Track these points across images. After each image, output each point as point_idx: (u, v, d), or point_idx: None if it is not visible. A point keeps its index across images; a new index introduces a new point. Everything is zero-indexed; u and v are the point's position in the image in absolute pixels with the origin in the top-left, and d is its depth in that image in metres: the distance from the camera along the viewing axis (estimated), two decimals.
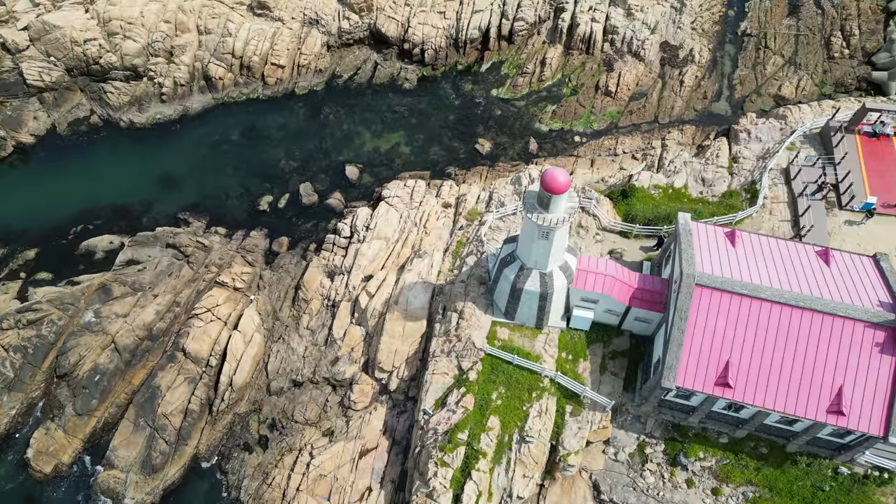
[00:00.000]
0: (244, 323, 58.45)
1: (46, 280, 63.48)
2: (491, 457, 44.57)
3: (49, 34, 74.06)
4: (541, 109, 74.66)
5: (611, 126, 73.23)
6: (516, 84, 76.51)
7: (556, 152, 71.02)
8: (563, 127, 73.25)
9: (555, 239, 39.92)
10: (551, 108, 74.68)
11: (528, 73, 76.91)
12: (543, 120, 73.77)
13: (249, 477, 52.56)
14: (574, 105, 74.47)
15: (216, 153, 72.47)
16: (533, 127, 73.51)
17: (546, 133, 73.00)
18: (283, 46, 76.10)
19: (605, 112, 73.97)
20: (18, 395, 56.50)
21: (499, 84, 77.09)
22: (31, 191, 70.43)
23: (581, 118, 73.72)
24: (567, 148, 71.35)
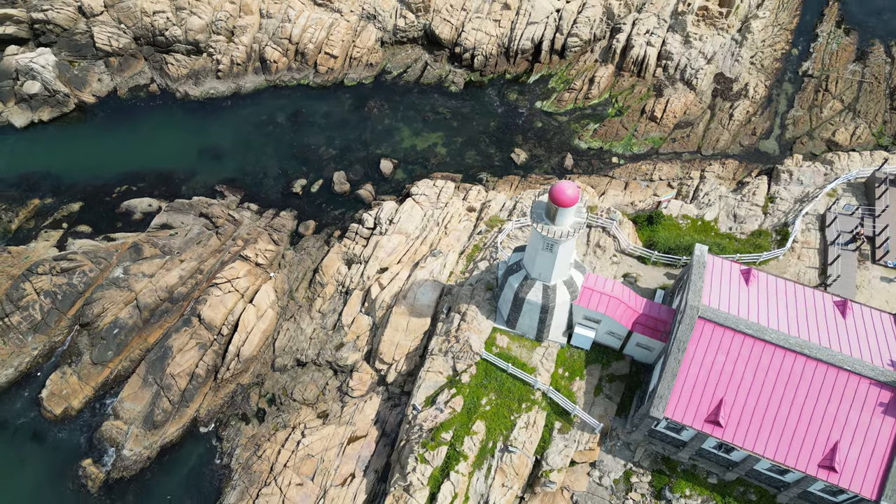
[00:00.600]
0: (260, 298, 60.12)
1: (85, 233, 66.78)
2: (472, 461, 44.59)
3: (123, 2, 78.04)
4: (582, 127, 74.25)
5: (651, 151, 72.22)
6: (561, 99, 76.32)
7: (591, 170, 70.52)
8: (602, 146, 72.65)
9: (559, 252, 39.78)
10: (593, 126, 74.17)
11: (575, 90, 76.61)
12: (583, 137, 73.34)
13: (242, 447, 53.99)
14: (617, 126, 73.77)
15: (261, 133, 74.80)
16: (572, 143, 73.18)
17: (584, 150, 72.54)
18: (338, 37, 78.02)
19: (648, 137, 73.00)
20: (42, 338, 59.61)
21: (544, 97, 77.05)
22: (85, 148, 74.27)
23: (622, 140, 72.97)
24: (603, 168, 70.73)
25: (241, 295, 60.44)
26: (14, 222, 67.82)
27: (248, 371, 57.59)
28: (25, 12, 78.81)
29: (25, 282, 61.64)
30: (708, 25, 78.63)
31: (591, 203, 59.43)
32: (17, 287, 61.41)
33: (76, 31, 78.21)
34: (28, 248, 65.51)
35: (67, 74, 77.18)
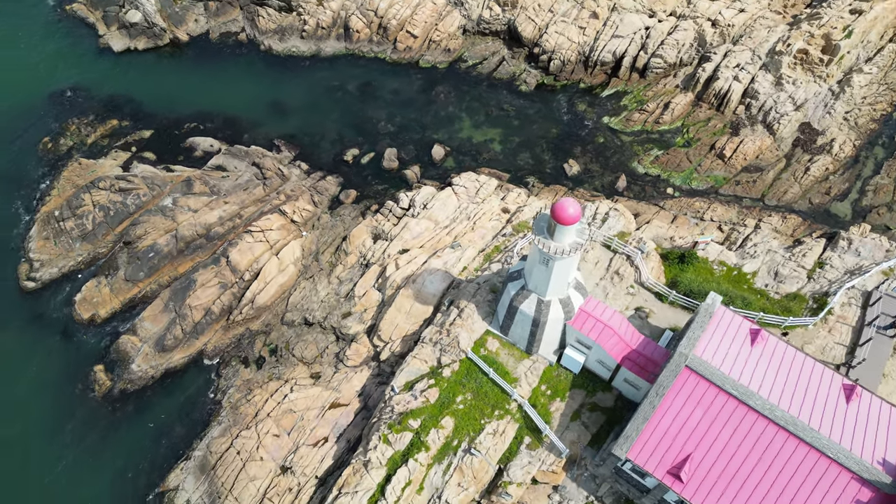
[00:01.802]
0: (286, 252, 62.38)
1: (149, 160, 71.24)
2: (433, 454, 44.90)
3: None
4: (645, 150, 71.95)
5: (710, 189, 69.13)
6: (631, 118, 74.13)
7: (642, 196, 68.35)
8: (660, 175, 70.18)
9: (555, 269, 39.12)
10: (656, 152, 71.72)
11: (647, 112, 74.18)
12: (643, 161, 71.08)
13: (236, 388, 56.57)
14: (681, 156, 71.00)
15: (329, 97, 76.99)
16: (629, 164, 71.09)
17: (640, 175, 70.34)
18: (422, 18, 78.86)
19: (711, 174, 69.86)
20: (88, 247, 64.36)
21: (613, 113, 75.09)
22: (169, 81, 78.96)
23: (683, 172, 70.20)
24: (655, 196, 68.39)
25: (270, 246, 62.88)
26: (91, 137, 73.23)
27: (258, 318, 60.05)
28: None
29: (86, 193, 66.61)
30: (805, 70, 73.96)
31: (626, 229, 57.75)
32: (77, 196, 66.48)
33: None
34: (97, 162, 70.63)
35: (168, 10, 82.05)
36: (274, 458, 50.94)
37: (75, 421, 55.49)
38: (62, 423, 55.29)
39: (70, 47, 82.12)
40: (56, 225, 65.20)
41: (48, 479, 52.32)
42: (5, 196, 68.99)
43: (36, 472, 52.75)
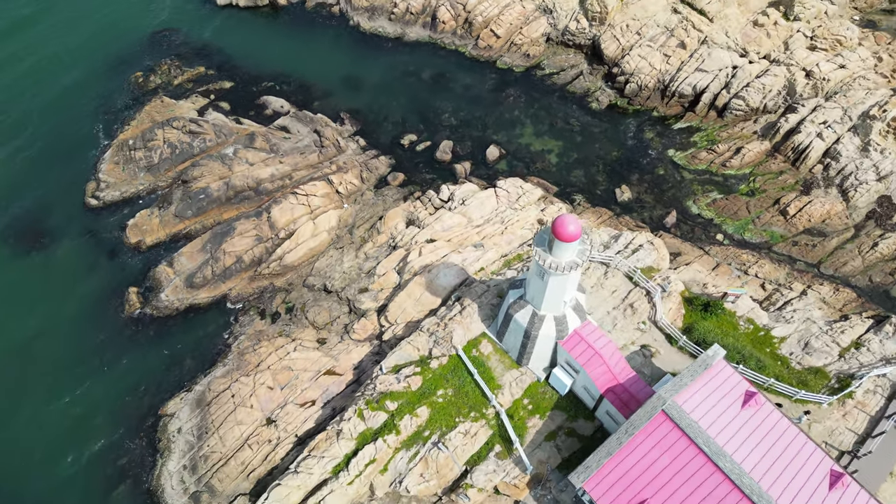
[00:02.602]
0: (323, 219, 64.52)
1: (223, 109, 75.30)
2: (403, 439, 45.54)
3: None
4: (703, 191, 69.34)
5: (763, 244, 65.86)
6: (697, 156, 71.56)
7: (689, 237, 65.98)
8: (713, 218, 67.48)
9: (550, 283, 38.78)
10: (715, 195, 68.97)
11: (716, 153, 71.38)
12: (699, 202, 68.54)
13: (247, 336, 59.22)
14: (740, 205, 67.96)
15: (402, 81, 78.65)
16: (684, 203, 68.74)
17: (692, 215, 67.90)
18: (508, 19, 79.06)
19: (768, 229, 66.50)
20: (150, 178, 68.91)
21: (680, 148, 72.71)
22: (259, 39, 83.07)
23: (738, 221, 67.19)
24: (703, 240, 65.85)
25: (311, 211, 65.19)
26: (178, 79, 78.17)
27: (283, 276, 62.50)
28: None
29: (160, 129, 71.25)
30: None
31: (655, 265, 56.07)
32: (152, 130, 71.23)
33: None
34: (177, 103, 75.34)
35: None
36: (262, 409, 53.11)
37: (102, 332, 59.81)
38: (90, 332, 59.73)
39: None
40: (127, 153, 70.16)
41: (66, 379, 56.74)
42: (91, 118, 74.83)
43: (57, 369, 57.31)
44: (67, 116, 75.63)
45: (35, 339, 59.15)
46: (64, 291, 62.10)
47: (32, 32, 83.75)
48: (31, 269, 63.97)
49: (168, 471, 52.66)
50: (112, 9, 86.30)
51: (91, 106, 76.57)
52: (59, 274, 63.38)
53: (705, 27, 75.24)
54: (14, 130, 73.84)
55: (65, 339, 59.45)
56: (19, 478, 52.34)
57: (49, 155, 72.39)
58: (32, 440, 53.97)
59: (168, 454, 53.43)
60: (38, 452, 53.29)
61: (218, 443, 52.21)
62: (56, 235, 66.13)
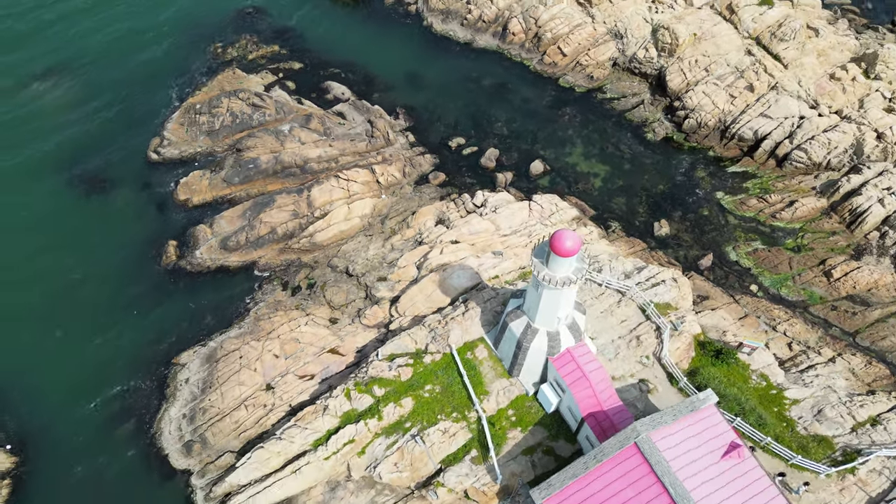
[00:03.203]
0: (358, 206, 66.37)
1: (287, 88, 78.64)
2: (384, 426, 46.39)
3: None
4: (746, 239, 67.08)
5: (799, 303, 63.07)
6: (746, 203, 69.31)
7: (721, 283, 63.98)
8: (751, 268, 65.19)
9: (543, 296, 38.78)
10: (758, 245, 66.61)
11: (768, 203, 68.92)
12: (739, 250, 66.36)
13: (266, 304, 61.49)
14: (783, 259, 65.36)
15: (462, 85, 79.87)
16: (723, 248, 66.72)
17: (730, 261, 65.82)
18: (577, 39, 79.03)
19: (808, 289, 63.64)
20: (208, 142, 72.72)
21: (731, 191, 70.62)
22: (335, 27, 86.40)
23: (777, 275, 64.65)
24: (735, 288, 63.68)
25: (349, 195, 67.16)
26: (252, 54, 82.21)
27: (310, 253, 64.58)
28: None
29: (227, 98, 75.12)
30: None
31: (674, 303, 54.70)
32: (219, 98, 75.17)
33: None
34: (247, 76, 79.21)
35: None
36: (265, 375, 55.09)
37: (137, 278, 63.45)
38: (128, 276, 63.46)
39: None
40: (193, 116, 74.27)
41: (100, 319, 60.36)
42: (168, 80, 79.65)
43: (94, 308, 61.05)
44: (149, 74, 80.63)
45: (79, 277, 63.23)
46: (112, 235, 66.23)
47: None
48: (89, 211, 68.57)
49: (169, 416, 55.34)
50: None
51: (171, 68, 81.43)
52: (110, 218, 67.71)
53: (778, 73, 72.90)
54: (101, 83, 79.23)
55: (104, 280, 63.34)
56: (42, 406, 55.90)
57: (126, 108, 77.39)
58: (59, 372, 57.53)
59: (172, 401, 56.15)
60: (62, 384, 56.68)
61: (218, 399, 54.49)
62: (116, 182, 70.67)
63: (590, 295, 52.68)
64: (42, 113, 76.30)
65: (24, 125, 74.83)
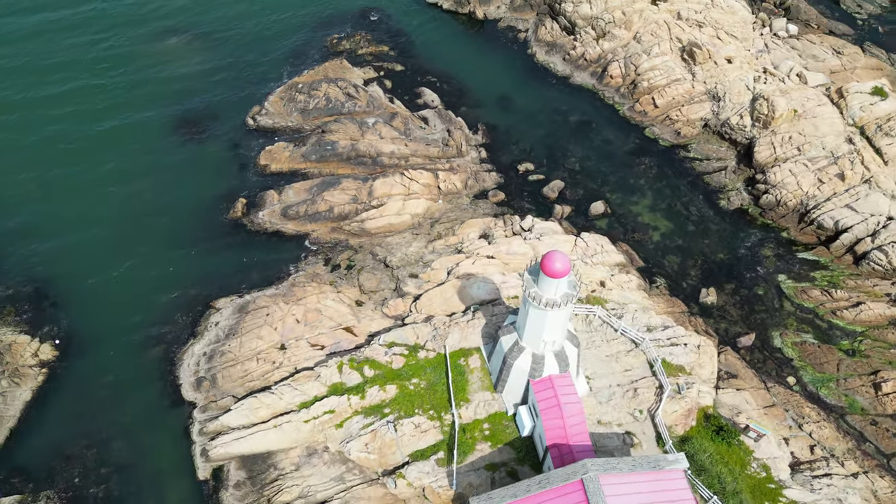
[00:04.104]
0: (412, 204, 69.16)
1: (384, 85, 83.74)
2: (365, 406, 48.21)
3: None
4: (797, 329, 63.22)
5: (836, 408, 58.46)
6: (809, 293, 65.32)
7: (757, 366, 60.62)
8: (794, 360, 61.31)
9: (530, 314, 39.21)
10: (808, 338, 62.58)
11: (832, 298, 64.62)
12: (786, 337, 62.63)
13: (305, 273, 65.19)
14: (833, 359, 60.97)
15: (548, 116, 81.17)
16: (769, 332, 63.23)
17: (772, 347, 62.24)
18: (672, 93, 78.22)
19: (850, 395, 58.97)
20: (299, 118, 78.51)
21: (794, 277, 66.87)
22: (445, 41, 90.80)
23: (821, 374, 60.36)
24: (770, 375, 60.10)
25: (407, 193, 70.09)
26: (361, 50, 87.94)
27: (358, 238, 67.86)
28: None
29: (326, 83, 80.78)
30: None
31: (688, 368, 52.76)
32: (320, 82, 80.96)
33: None
34: (351, 68, 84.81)
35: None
36: (282, 335, 58.51)
37: (203, 223, 69.50)
38: (196, 219, 69.66)
39: None
40: (293, 94, 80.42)
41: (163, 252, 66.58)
42: (284, 59, 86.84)
43: (160, 241, 67.49)
44: (270, 51, 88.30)
45: (155, 211, 70.06)
46: (194, 181, 72.95)
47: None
48: (182, 156, 75.93)
49: (192, 351, 59.97)
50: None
51: (290, 49, 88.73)
52: (197, 167, 74.67)
53: (875, 167, 68.55)
54: (230, 51, 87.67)
55: (177, 219, 69.81)
56: (93, 316, 62.20)
57: (243, 75, 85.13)
58: (115, 291, 63.88)
59: (199, 338, 60.83)
60: (115, 301, 62.92)
61: (237, 346, 58.46)
62: (212, 136, 77.89)
63: (602, 337, 52.07)
64: (171, 62, 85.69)
65: (152, 70, 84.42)
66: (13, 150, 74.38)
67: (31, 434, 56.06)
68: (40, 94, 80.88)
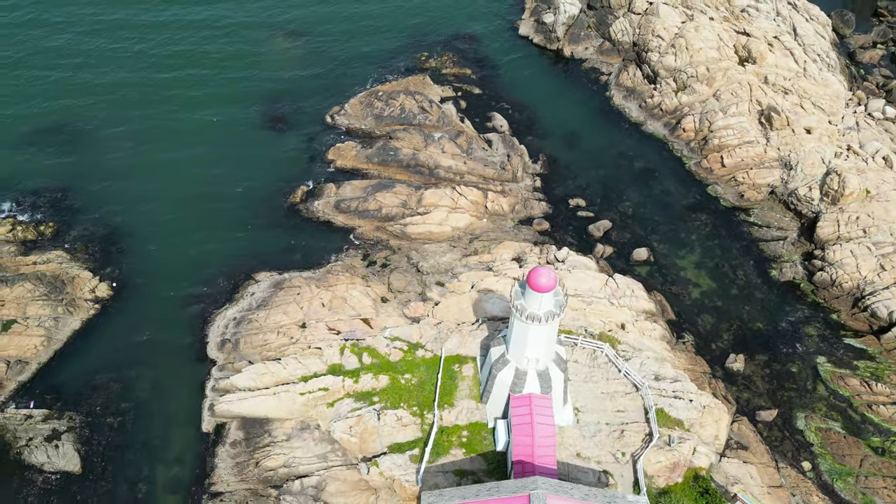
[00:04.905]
0: (456, 217, 71.45)
1: (459, 105, 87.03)
2: (356, 390, 50.30)
3: (648, 15, 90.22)
4: (825, 415, 59.47)
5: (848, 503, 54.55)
6: (846, 380, 61.38)
7: (772, 443, 57.49)
8: (814, 446, 57.61)
9: (514, 325, 40.04)
10: (836, 427, 58.75)
11: (872, 391, 60.26)
12: (811, 421, 59.08)
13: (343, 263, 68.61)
14: (856, 454, 56.90)
15: (612, 158, 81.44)
16: (794, 411, 59.83)
17: (794, 428, 58.81)
18: (741, 154, 76.57)
19: (868, 495, 54.66)
20: (372, 123, 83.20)
21: (835, 362, 63.01)
22: (529, 74, 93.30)
23: (840, 466, 56.42)
24: (785, 456, 56.80)
25: (454, 206, 72.39)
26: (445, 69, 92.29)
27: (399, 240, 70.65)
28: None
29: (405, 95, 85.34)
30: None
31: (688, 425, 51.09)
32: (399, 93, 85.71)
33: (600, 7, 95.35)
34: (431, 85, 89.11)
35: (573, 29, 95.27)
36: (305, 315, 61.83)
37: (264, 202, 74.96)
38: (258, 197, 75.22)
39: (495, 10, 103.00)
40: (372, 99, 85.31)
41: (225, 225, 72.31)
42: (374, 67, 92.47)
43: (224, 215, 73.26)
44: (364, 58, 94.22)
45: (228, 189, 76.05)
46: (265, 165, 78.88)
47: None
48: (263, 142, 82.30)
49: (225, 314, 64.48)
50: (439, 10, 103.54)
51: (382, 60, 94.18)
52: (272, 152, 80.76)
53: None
54: (328, 52, 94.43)
55: (241, 196, 75.64)
56: (148, 269, 68.42)
57: (333, 76, 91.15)
58: (172, 250, 69.94)
59: (234, 304, 65.40)
60: (169, 260, 68.84)
61: (263, 317, 62.31)
62: (291, 128, 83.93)
63: (603, 374, 51.69)
64: (275, 59, 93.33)
65: (257, 64, 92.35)
66: (122, 122, 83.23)
67: (71, 359, 62.13)
68: (156, 76, 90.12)
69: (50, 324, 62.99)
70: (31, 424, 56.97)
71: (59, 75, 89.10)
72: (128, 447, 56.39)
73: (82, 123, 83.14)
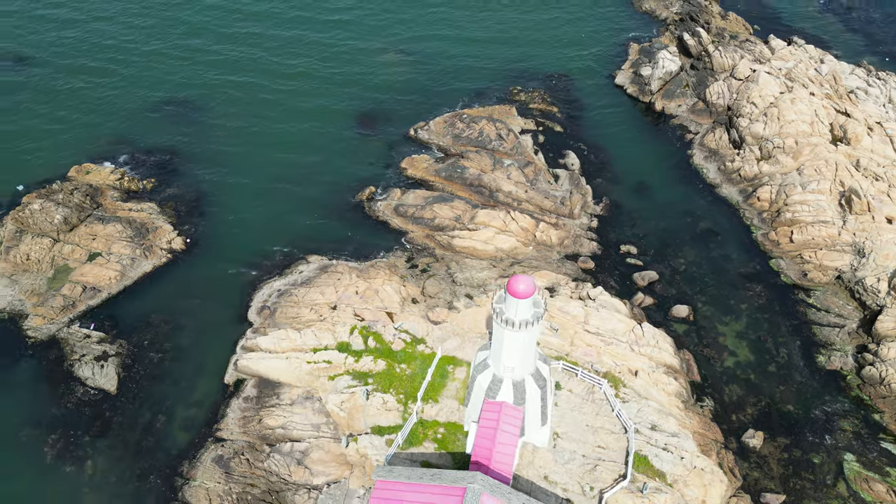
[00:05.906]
0: (502, 239, 73.62)
1: (536, 138, 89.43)
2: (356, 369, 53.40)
3: (743, 91, 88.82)
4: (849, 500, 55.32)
5: None
6: (872, 484, 56.25)
7: None
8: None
9: (494, 329, 41.60)
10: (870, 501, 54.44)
11: (894, 502, 55.49)
12: None
13: (387, 261, 72.74)
14: None
15: (679, 215, 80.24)
16: (805, 501, 55.96)
17: (811, 491, 55.21)
18: (812, 233, 73.03)
19: None
20: (449, 141, 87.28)
21: (863, 463, 58.15)
22: (614, 118, 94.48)
23: None
24: None
25: (503, 227, 74.72)
26: (532, 104, 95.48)
27: (444, 250, 73.80)
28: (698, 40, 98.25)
29: (486, 121, 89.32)
30: None
31: (671, 478, 49.51)
32: (481, 119, 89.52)
33: (702, 68, 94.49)
34: (515, 117, 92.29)
35: (670, 86, 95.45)
36: (338, 298, 66.26)
37: (335, 195, 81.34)
38: (331, 191, 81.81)
39: (597, 56, 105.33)
40: (454, 120, 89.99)
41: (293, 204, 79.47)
42: (464, 94, 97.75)
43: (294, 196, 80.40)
44: (468, 81, 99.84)
45: (309, 177, 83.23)
46: (345, 161, 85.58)
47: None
48: (350, 142, 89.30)
49: (272, 285, 70.42)
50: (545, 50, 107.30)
51: (474, 87, 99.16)
52: (354, 151, 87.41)
53: None
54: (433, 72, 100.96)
55: (319, 186, 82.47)
56: (221, 235, 76.64)
57: (434, 93, 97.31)
58: (248, 223, 77.96)
59: (283, 278, 71.22)
60: (244, 230, 77.10)
61: (302, 293, 67.46)
62: (377, 135, 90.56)
63: (594, 409, 51.54)
64: (380, 72, 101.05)
65: (363, 73, 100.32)
66: (235, 111, 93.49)
67: (135, 295, 70.27)
68: (279, 70, 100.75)
69: (126, 262, 71.57)
70: (87, 343, 64.88)
71: (190, 68, 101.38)
72: (160, 381, 62.89)
73: (202, 106, 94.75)
